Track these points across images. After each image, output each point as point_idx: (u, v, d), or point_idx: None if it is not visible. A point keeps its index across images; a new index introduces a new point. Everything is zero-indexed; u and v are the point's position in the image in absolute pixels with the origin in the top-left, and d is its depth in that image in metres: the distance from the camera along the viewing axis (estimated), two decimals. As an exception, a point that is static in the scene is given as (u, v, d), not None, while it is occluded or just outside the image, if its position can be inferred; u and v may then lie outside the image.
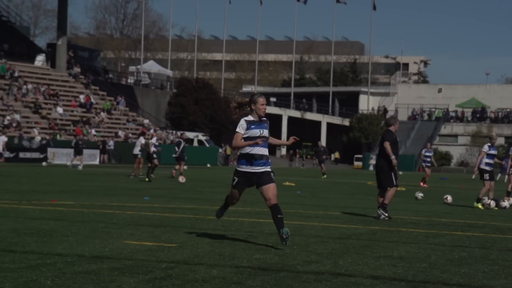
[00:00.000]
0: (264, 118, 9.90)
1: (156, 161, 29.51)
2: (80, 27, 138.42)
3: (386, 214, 14.19)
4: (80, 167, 39.87)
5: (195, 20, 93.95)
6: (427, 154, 34.12)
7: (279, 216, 9.56)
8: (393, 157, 14.49)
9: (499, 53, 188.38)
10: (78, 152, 42.58)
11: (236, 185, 9.79)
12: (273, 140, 10.13)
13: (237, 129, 9.69)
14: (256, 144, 9.60)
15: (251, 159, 9.63)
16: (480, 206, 18.91)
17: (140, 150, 31.78)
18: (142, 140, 32.09)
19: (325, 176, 40.55)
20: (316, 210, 16.31)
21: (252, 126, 9.67)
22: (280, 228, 9.51)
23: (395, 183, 14.50)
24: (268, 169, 9.70)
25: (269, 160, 9.82)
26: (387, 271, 8.02)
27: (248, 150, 9.64)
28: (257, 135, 9.66)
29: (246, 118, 9.75)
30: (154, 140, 30.67)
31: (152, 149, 29.59)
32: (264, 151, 9.71)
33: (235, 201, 10.06)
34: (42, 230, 10.56)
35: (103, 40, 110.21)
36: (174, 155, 32.35)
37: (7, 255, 8.11)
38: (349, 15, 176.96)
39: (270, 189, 9.62)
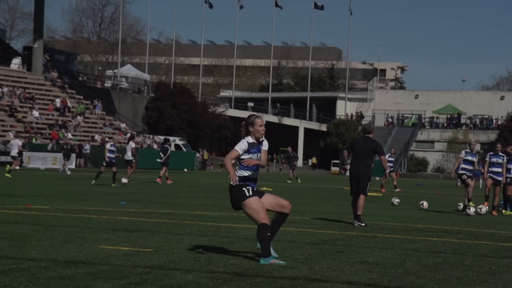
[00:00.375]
0: (262, 139, 9.26)
1: (114, 168, 28.72)
2: (57, 30, 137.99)
3: (363, 224, 14.23)
4: (68, 172, 39.38)
5: (173, 24, 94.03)
6: (390, 159, 34.26)
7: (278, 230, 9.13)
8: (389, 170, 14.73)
9: (475, 60, 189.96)
10: (66, 156, 42.30)
11: (253, 193, 8.92)
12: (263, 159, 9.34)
13: (237, 147, 9.04)
14: (251, 166, 9.04)
15: (250, 181, 9.06)
16: (472, 204, 19.15)
17: (132, 155, 31.60)
18: (132, 144, 32.03)
19: (289, 181, 40.37)
20: (293, 215, 16.28)
21: (252, 150, 9.06)
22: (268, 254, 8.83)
23: (367, 192, 14.68)
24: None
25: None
26: (363, 276, 8.03)
27: (249, 175, 9.04)
28: (254, 160, 9.01)
29: (248, 140, 9.13)
30: (108, 145, 29.67)
31: (108, 154, 28.57)
32: (255, 174, 9.15)
33: (266, 214, 8.83)
34: (16, 234, 10.47)
35: (80, 43, 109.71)
36: (159, 160, 32.59)
37: (-20, 260, 8.04)
38: (327, 21, 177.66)
39: (279, 197, 9.13)
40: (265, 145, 9.21)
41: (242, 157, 9.02)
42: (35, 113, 58.86)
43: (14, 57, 69.36)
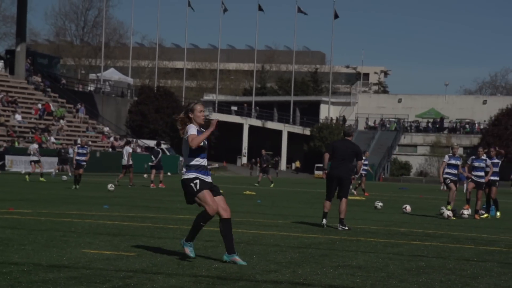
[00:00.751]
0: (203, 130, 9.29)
1: (81, 171, 28.40)
2: (40, 34, 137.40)
3: (346, 228, 14.26)
4: (65, 177, 38.12)
5: (156, 28, 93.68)
6: (365, 162, 34.33)
7: (231, 231, 9.11)
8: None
9: (458, 64, 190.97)
10: (62, 161, 41.91)
11: (202, 186, 8.99)
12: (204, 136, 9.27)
13: (191, 132, 9.00)
14: (199, 154, 9.05)
15: (201, 169, 9.10)
16: (449, 207, 19.21)
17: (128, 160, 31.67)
18: (128, 149, 32.26)
19: (257, 184, 40.22)
20: (276, 219, 16.32)
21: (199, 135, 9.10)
22: (233, 250, 9.02)
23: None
24: (210, 177, 9.23)
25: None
26: (346, 280, 8.05)
27: (199, 162, 9.09)
28: (201, 145, 9.06)
29: (195, 127, 9.17)
30: (76, 148, 29.55)
31: (76, 157, 28.50)
32: (206, 162, 9.20)
33: (215, 208, 8.95)
34: (-1, 238, 10.42)
35: (63, 47, 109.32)
36: (150, 163, 32.80)
37: (-39, 264, 7.99)
38: (310, 25, 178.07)
39: (223, 199, 9.19)
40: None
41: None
42: (18, 117, 58.58)
43: (-4, 61, 68.99)
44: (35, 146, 36.04)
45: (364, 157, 33.94)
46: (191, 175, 9.01)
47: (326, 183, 14.70)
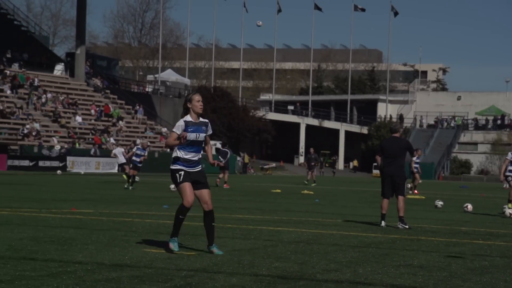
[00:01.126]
0: (205, 120, 9.57)
1: (135, 172, 28.96)
2: (99, 36, 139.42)
3: (407, 226, 14.12)
4: (137, 178, 38.41)
5: (212, 28, 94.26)
6: (416, 161, 33.72)
7: (213, 224, 9.53)
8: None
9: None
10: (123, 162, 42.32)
11: (184, 178, 9.32)
12: (208, 149, 9.71)
13: (174, 129, 9.40)
14: (187, 146, 9.36)
15: (186, 162, 9.41)
16: (510, 206, 18.91)
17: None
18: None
19: (314, 184, 39.93)
20: (335, 218, 16.26)
21: (189, 129, 9.35)
22: (212, 241, 9.46)
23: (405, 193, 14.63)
24: (201, 168, 9.49)
25: (201, 163, 9.60)
26: (408, 280, 7.97)
27: (183, 155, 9.40)
28: (192, 139, 9.35)
29: (186, 119, 9.43)
30: (135, 149, 30.21)
31: (133, 157, 28.99)
32: (197, 156, 9.48)
33: (190, 200, 9.35)
34: (62, 238, 10.60)
35: (121, 49, 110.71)
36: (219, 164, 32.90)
37: (28, 263, 8.15)
38: (367, 23, 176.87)
39: (208, 194, 9.51)
40: (209, 129, 9.57)
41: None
42: (78, 119, 59.54)
43: (57, 64, 70.28)
44: (121, 149, 34.90)
45: (416, 155, 33.44)
46: (177, 166, 9.38)
47: (381, 182, 14.64)
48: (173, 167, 9.41)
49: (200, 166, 9.49)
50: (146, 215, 15.34)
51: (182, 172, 9.33)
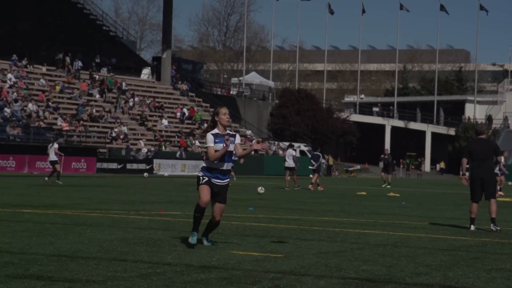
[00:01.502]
0: (232, 132, 10.04)
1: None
2: (184, 40, 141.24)
3: (499, 228, 13.81)
4: (235, 179, 38.67)
5: (296, 30, 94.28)
6: (503, 162, 32.82)
7: (213, 229, 10.31)
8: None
9: None
10: None
11: (205, 182, 9.90)
12: (240, 152, 10.10)
13: (208, 144, 9.86)
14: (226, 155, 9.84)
15: (213, 171, 9.93)
16: None
17: (294, 162, 32.36)
18: (292, 152, 32.87)
19: (388, 185, 39.16)
20: (422, 221, 16.02)
21: (217, 140, 9.84)
22: (206, 235, 10.24)
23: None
24: (226, 183, 10.02)
25: (229, 175, 10.20)
26: (500, 284, 7.78)
27: (210, 165, 9.91)
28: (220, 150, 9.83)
29: (213, 132, 9.93)
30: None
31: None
32: (224, 166, 9.94)
33: (205, 201, 9.85)
34: (151, 239, 10.77)
35: (206, 52, 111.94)
36: (311, 167, 33.33)
37: (119, 264, 8.31)
38: (454, 23, 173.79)
39: (221, 209, 10.05)
40: (237, 139, 10.01)
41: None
42: (164, 122, 60.48)
43: (144, 68, 71.62)
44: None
45: (503, 157, 32.62)
46: (201, 173, 10.00)
47: (470, 185, 14.29)
48: (199, 174, 10.02)
49: (227, 179, 10.03)
50: (232, 217, 15.44)
51: (206, 178, 9.91)
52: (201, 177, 9.94)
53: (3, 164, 43.00)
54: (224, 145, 9.80)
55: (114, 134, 53.85)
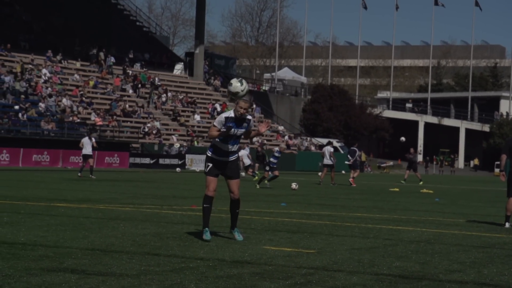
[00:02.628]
0: (247, 117, 10.08)
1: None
2: (217, 36, 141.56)
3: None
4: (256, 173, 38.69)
5: (329, 26, 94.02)
6: None
7: (237, 210, 10.38)
8: None
9: None
10: (260, 161, 42.97)
11: (210, 171, 10.17)
12: (251, 134, 10.29)
13: (215, 123, 10.04)
14: (225, 139, 10.00)
15: (221, 151, 10.12)
16: None
17: (330, 159, 32.23)
18: (330, 149, 32.57)
19: (420, 182, 38.78)
20: (456, 218, 15.89)
21: (229, 124, 9.97)
22: (234, 226, 10.37)
23: None
24: (235, 158, 10.19)
25: (237, 153, 10.36)
26: (535, 282, 7.68)
27: (219, 145, 10.09)
28: (230, 133, 9.98)
29: (226, 115, 10.04)
30: (93, 140, 31.61)
31: (271, 159, 28.93)
32: (233, 148, 10.14)
33: (212, 190, 10.21)
34: (184, 234, 10.81)
35: (238, 48, 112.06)
36: (347, 162, 33.30)
37: (152, 258, 8.35)
38: (489, 18, 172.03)
39: (236, 184, 10.25)
40: (251, 125, 10.20)
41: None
42: (197, 117, 60.66)
43: (176, 63, 71.89)
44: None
45: None
46: (209, 153, 10.20)
47: (507, 181, 14.12)
48: (208, 153, 10.22)
49: (235, 156, 10.20)
50: (264, 212, 15.45)
51: (211, 165, 10.14)
52: (207, 164, 10.18)
53: (38, 159, 43.45)
54: (224, 128, 9.91)
55: (146, 129, 54.14)
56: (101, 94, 56.60)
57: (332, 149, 32.86)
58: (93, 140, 31.70)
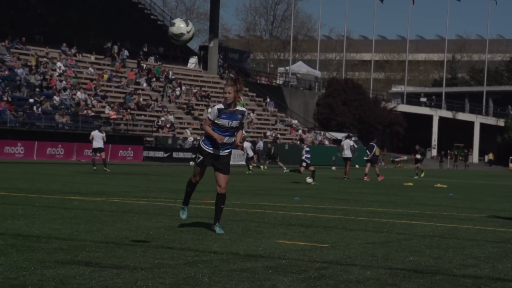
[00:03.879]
0: (240, 109, 10.08)
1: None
2: (231, 29, 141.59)
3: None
4: (286, 169, 38.61)
5: (344, 20, 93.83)
6: None
7: (222, 206, 10.29)
8: None
9: None
10: (271, 157, 42.97)
11: (200, 162, 10.22)
12: (238, 134, 10.26)
13: (208, 115, 10.06)
14: (219, 130, 9.97)
15: (215, 143, 10.06)
16: None
17: (351, 152, 32.14)
18: (350, 142, 32.44)
19: (416, 177, 38.77)
20: (470, 212, 15.83)
21: (223, 116, 9.94)
22: (217, 220, 10.25)
23: None
24: (227, 153, 10.16)
25: (232, 146, 10.28)
26: (550, 277, 7.65)
27: (213, 137, 10.05)
28: (225, 125, 9.94)
29: (219, 106, 9.97)
30: (305, 147, 30.52)
31: (306, 155, 28.95)
32: (228, 140, 10.11)
33: (198, 178, 10.35)
34: (197, 228, 10.83)
35: (252, 41, 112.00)
36: (365, 158, 33.32)
37: (166, 251, 8.37)
38: (505, 12, 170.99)
39: (224, 179, 10.21)
40: (245, 116, 10.25)
41: (215, 121, 9.98)
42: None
43: (191, 57, 71.92)
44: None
45: None
46: (203, 146, 10.17)
47: None
48: (201, 144, 10.22)
49: (229, 150, 10.17)
50: (278, 206, 15.45)
51: (202, 157, 10.17)
52: (199, 156, 10.20)
53: (52, 152, 43.63)
54: (228, 124, 9.92)
55: (160, 123, 54.22)
56: (115, 87, 56.73)
57: (352, 142, 32.84)
58: (104, 133, 31.63)
